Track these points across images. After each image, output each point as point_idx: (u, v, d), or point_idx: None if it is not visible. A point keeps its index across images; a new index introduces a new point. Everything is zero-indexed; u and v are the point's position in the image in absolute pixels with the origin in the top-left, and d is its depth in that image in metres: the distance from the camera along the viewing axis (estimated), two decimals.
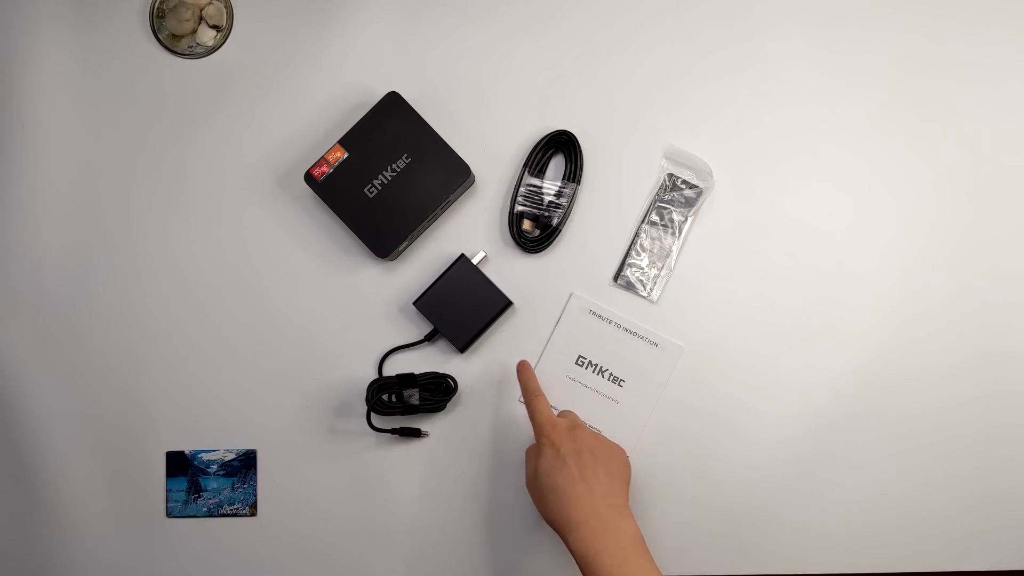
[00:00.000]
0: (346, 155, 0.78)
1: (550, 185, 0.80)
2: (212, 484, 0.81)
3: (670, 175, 0.80)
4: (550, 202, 0.80)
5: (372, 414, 0.77)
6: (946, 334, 0.80)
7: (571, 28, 0.82)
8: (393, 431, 0.79)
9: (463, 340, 0.79)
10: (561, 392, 0.79)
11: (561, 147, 0.81)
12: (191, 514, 0.81)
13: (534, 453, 0.72)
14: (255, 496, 0.81)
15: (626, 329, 0.80)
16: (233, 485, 0.81)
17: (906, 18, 0.81)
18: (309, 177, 0.78)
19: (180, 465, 0.81)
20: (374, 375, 0.80)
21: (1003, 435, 0.79)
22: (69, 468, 0.80)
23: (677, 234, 0.80)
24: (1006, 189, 0.80)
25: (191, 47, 0.83)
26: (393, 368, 0.80)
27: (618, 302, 0.80)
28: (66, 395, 0.81)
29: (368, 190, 0.77)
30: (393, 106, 0.78)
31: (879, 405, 0.79)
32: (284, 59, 0.83)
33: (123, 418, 0.81)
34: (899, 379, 0.79)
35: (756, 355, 0.80)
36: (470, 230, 0.81)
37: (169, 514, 0.81)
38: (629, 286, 0.80)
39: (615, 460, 0.71)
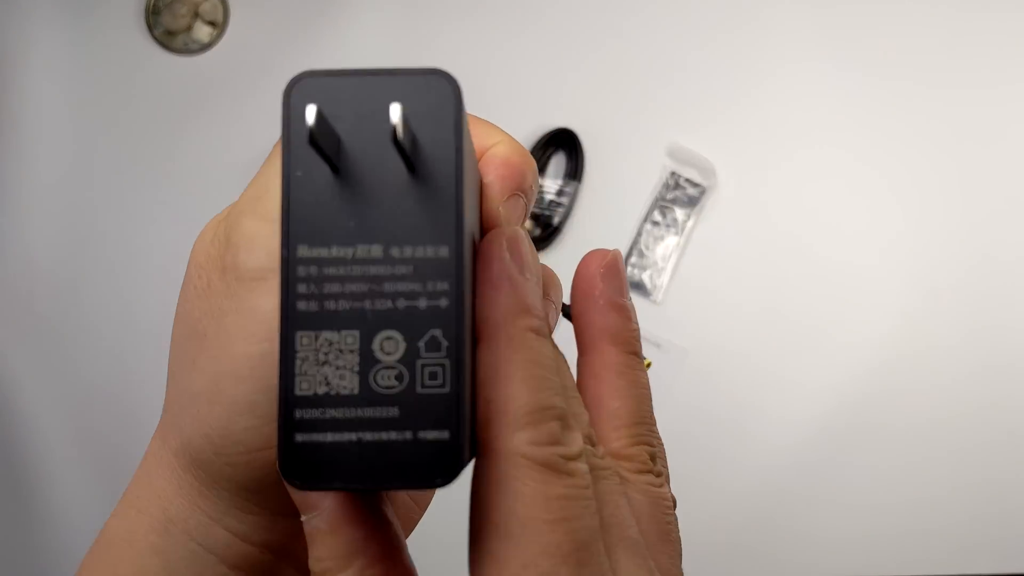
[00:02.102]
0: None
1: (551, 184, 0.79)
2: None
3: (673, 173, 0.80)
4: (551, 201, 0.79)
5: None
6: (956, 338, 0.79)
7: (571, 24, 0.82)
8: None
9: None
10: None
11: (562, 145, 0.80)
12: None
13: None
14: None
15: None
16: None
17: (920, 10, 0.81)
18: None
19: None
20: None
21: (1012, 441, 0.78)
22: (69, 468, 0.80)
23: (680, 234, 0.79)
24: (1021, 192, 0.80)
25: (186, 44, 0.82)
26: None
27: None
28: (63, 395, 0.80)
29: None
30: None
31: (887, 409, 0.78)
32: (281, 56, 0.82)
33: (123, 418, 0.80)
34: (908, 383, 0.79)
35: (762, 358, 0.79)
36: None
37: None
38: (631, 287, 0.79)
39: None
